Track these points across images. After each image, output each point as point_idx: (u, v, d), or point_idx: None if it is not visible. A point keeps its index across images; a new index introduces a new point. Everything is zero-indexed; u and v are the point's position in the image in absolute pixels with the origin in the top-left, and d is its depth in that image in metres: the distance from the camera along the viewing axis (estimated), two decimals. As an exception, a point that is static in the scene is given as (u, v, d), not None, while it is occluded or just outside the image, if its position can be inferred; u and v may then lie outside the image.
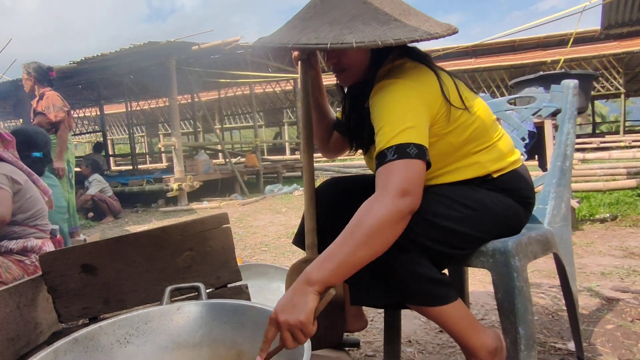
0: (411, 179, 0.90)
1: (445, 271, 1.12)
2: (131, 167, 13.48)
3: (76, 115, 14.50)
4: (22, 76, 4.15)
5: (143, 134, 22.58)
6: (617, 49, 13.38)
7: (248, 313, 1.00)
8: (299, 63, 1.25)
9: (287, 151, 17.95)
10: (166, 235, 1.24)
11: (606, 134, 16.44)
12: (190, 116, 15.63)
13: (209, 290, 1.26)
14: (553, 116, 1.50)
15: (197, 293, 1.09)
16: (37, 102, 4.01)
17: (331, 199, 1.26)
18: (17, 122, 11.29)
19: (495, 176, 1.12)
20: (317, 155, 1.48)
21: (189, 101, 13.17)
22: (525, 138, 1.55)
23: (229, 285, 1.30)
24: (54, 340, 0.93)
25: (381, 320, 1.64)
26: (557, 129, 1.44)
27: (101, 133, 13.43)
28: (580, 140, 11.53)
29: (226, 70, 8.65)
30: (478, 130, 1.09)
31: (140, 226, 5.52)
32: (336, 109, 1.36)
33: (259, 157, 9.34)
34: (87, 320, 1.20)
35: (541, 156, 3.28)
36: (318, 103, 1.32)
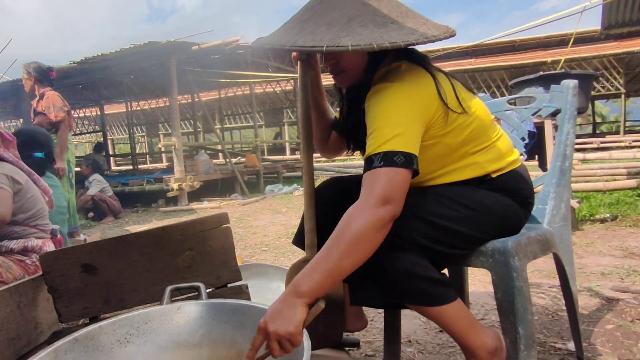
0: (394, 187, 0.92)
1: (445, 271, 1.12)
2: (131, 167, 13.50)
3: (76, 115, 14.50)
4: (23, 76, 4.15)
5: (143, 134, 22.58)
6: (618, 49, 13.38)
7: (248, 313, 1.00)
8: (298, 63, 1.25)
9: (288, 151, 17.95)
10: (166, 235, 1.24)
11: (606, 134, 16.42)
12: (190, 116, 15.63)
13: (209, 290, 1.26)
14: (553, 116, 1.50)
15: (197, 293, 1.09)
16: (38, 102, 4.01)
17: (331, 199, 1.26)
18: (18, 122, 11.29)
19: (494, 176, 1.12)
20: (317, 155, 1.48)
21: (189, 101, 13.17)
22: (525, 138, 1.55)
23: (229, 285, 1.31)
24: (55, 339, 0.93)
25: (381, 320, 1.64)
26: (557, 129, 1.44)
27: (101, 133, 13.45)
28: (580, 140, 11.53)
29: (226, 70, 8.65)
30: (476, 131, 1.09)
31: (140, 226, 5.52)
32: (336, 109, 1.36)
33: (259, 157, 9.34)
34: (88, 320, 1.21)
35: (541, 156, 3.28)
36: (317, 103, 1.32)
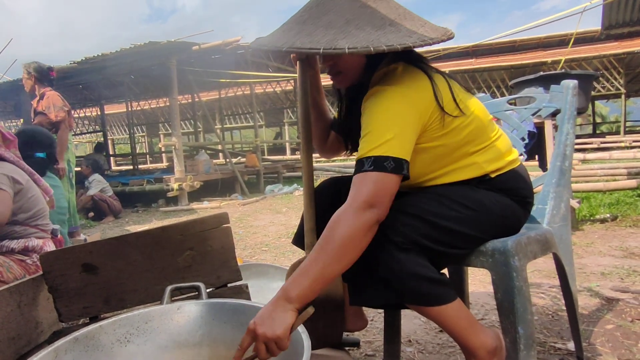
0: (380, 192, 0.93)
1: (445, 271, 1.12)
2: (132, 167, 13.51)
3: (77, 115, 14.50)
4: (23, 76, 4.15)
5: (143, 134, 22.59)
6: (618, 49, 13.37)
7: (248, 312, 1.00)
8: (298, 63, 1.25)
9: (288, 151, 17.94)
10: (166, 234, 1.24)
11: (607, 135, 16.41)
12: (190, 116, 15.63)
13: (209, 289, 1.27)
14: (553, 116, 1.50)
15: (198, 292, 1.09)
16: (38, 102, 4.01)
17: (330, 199, 1.26)
18: (18, 122, 11.29)
19: (493, 176, 1.12)
20: (317, 155, 1.49)
21: (190, 101, 13.17)
22: (525, 138, 1.55)
23: (229, 284, 1.31)
24: (55, 339, 0.93)
25: (381, 319, 1.64)
26: (557, 129, 1.44)
27: (102, 133, 13.45)
28: (580, 140, 11.52)
29: (226, 70, 8.64)
30: (475, 131, 1.09)
31: (140, 226, 5.52)
32: (336, 110, 1.36)
33: (260, 157, 9.34)
34: (88, 319, 1.21)
35: (541, 156, 3.28)
36: (316, 103, 1.32)
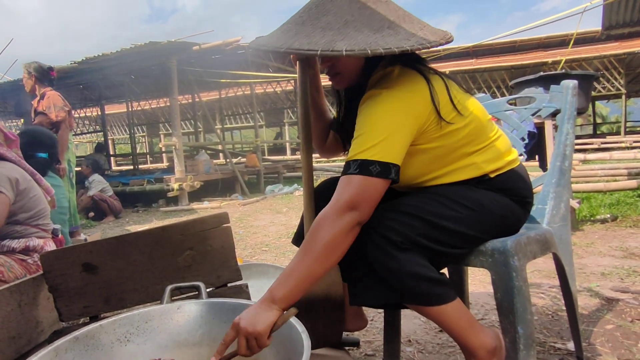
0: (363, 195, 0.95)
1: (444, 271, 1.12)
2: (132, 167, 13.51)
3: (77, 115, 14.50)
4: (23, 76, 4.15)
5: (144, 134, 22.60)
6: (618, 50, 13.36)
7: (248, 312, 1.00)
8: (297, 63, 1.25)
9: (288, 151, 17.95)
10: (167, 234, 1.25)
11: (607, 135, 16.40)
12: (191, 116, 15.62)
13: (209, 289, 1.27)
14: (553, 116, 1.50)
15: (198, 292, 1.09)
16: (38, 102, 4.01)
17: (330, 199, 1.26)
18: (18, 122, 11.30)
19: (492, 176, 1.12)
20: (317, 155, 1.49)
21: (190, 101, 13.17)
22: (525, 138, 1.55)
23: (229, 284, 1.31)
24: (55, 338, 0.93)
25: (381, 319, 1.64)
26: (557, 129, 1.44)
27: (102, 133, 13.45)
28: (581, 140, 11.52)
29: (227, 70, 8.65)
30: (473, 132, 1.09)
31: (140, 226, 5.53)
32: (335, 109, 1.37)
33: (260, 157, 9.35)
34: (88, 319, 1.21)
35: (542, 156, 3.28)
36: (316, 102, 1.32)
